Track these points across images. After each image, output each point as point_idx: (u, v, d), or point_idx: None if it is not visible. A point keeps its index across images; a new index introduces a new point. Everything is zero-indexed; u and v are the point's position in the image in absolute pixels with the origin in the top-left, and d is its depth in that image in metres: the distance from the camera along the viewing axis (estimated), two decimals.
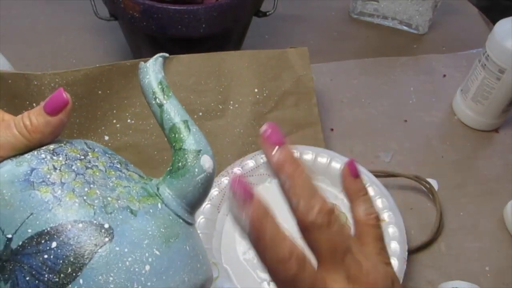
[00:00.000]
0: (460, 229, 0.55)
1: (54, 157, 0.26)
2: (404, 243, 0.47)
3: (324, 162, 0.54)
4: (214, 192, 0.52)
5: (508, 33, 0.56)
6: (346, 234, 0.25)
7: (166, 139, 0.28)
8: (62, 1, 0.78)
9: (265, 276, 0.47)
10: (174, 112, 0.28)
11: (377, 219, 0.29)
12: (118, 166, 0.28)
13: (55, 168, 0.25)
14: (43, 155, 0.25)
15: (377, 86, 0.70)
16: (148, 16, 0.55)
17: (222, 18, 0.57)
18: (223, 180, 0.53)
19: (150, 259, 0.24)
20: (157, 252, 0.25)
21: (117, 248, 0.23)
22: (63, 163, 0.25)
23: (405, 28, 0.80)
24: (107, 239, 0.23)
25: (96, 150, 0.28)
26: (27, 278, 0.23)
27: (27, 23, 0.75)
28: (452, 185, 0.59)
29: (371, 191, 0.51)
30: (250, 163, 0.54)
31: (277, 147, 0.25)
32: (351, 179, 0.30)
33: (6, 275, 0.23)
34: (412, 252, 0.51)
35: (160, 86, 0.28)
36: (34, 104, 0.50)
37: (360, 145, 0.62)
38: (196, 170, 0.27)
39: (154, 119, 0.29)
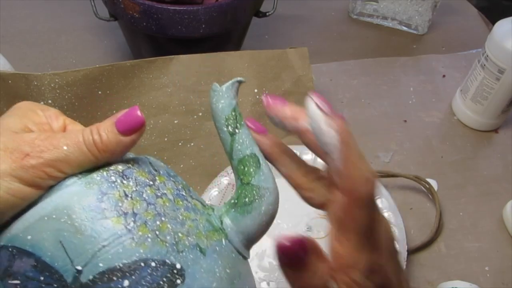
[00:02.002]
0: (460, 229, 0.55)
1: (124, 182, 0.24)
2: (404, 243, 0.47)
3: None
4: (213, 192, 0.52)
5: (508, 33, 0.56)
6: None
7: (232, 168, 0.28)
8: (62, 1, 0.78)
9: (264, 276, 0.47)
10: (246, 143, 0.27)
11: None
12: (183, 193, 0.26)
13: (126, 195, 0.23)
14: (113, 178, 0.24)
15: (377, 86, 0.70)
16: (148, 17, 0.55)
17: (222, 18, 0.57)
18: (223, 181, 0.53)
19: None
20: None
21: None
22: (134, 189, 0.24)
23: (404, 28, 0.80)
24: (179, 281, 0.22)
25: (161, 172, 0.26)
26: None
27: (27, 23, 0.75)
28: (452, 185, 0.59)
29: None
30: None
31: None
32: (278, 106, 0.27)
33: None
34: (412, 252, 0.51)
35: (233, 113, 0.28)
36: None
37: (360, 145, 0.61)
38: (264, 208, 0.26)
39: (154, 119, 0.29)
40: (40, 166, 0.22)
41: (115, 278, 0.21)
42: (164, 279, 0.22)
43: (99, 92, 0.53)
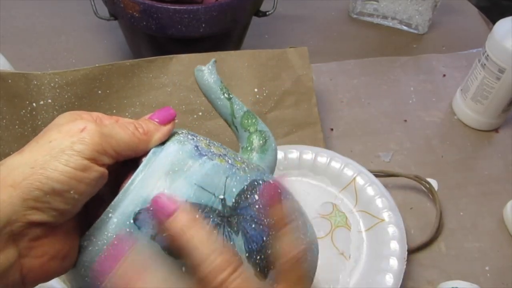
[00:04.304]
0: (460, 229, 0.55)
1: (197, 137, 0.29)
2: (404, 243, 0.47)
3: (323, 162, 0.54)
4: None
5: (508, 33, 0.56)
6: None
7: (232, 126, 0.34)
8: (62, 1, 0.78)
9: None
10: (240, 103, 0.34)
11: (304, 251, 0.28)
12: (225, 147, 0.31)
13: (209, 145, 0.28)
14: (189, 136, 0.28)
15: (377, 86, 0.70)
16: (147, 16, 0.55)
17: (222, 18, 0.57)
18: None
19: (301, 208, 0.31)
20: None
21: (288, 196, 0.29)
22: (207, 141, 0.29)
23: (405, 28, 0.80)
24: (279, 190, 0.28)
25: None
26: (253, 226, 0.26)
27: (27, 23, 0.75)
28: (452, 185, 0.59)
29: (371, 191, 0.51)
30: None
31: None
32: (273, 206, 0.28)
33: (235, 228, 0.25)
34: (412, 252, 0.51)
35: (223, 84, 0.34)
36: (34, 104, 0.50)
37: (360, 145, 0.62)
38: (273, 144, 0.33)
39: None
40: (96, 138, 0.24)
41: (248, 195, 0.27)
42: (273, 189, 0.28)
43: (99, 92, 0.53)
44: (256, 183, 0.27)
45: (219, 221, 0.25)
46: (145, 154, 0.27)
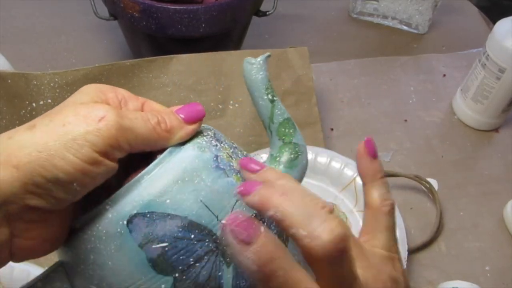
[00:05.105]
0: (460, 229, 0.55)
1: (221, 145, 0.27)
2: (404, 242, 0.47)
3: (324, 161, 0.54)
4: None
5: (508, 32, 0.56)
6: (353, 265, 0.22)
7: (268, 130, 0.31)
8: (62, 1, 0.78)
9: None
10: (283, 109, 0.31)
11: (392, 206, 0.27)
12: (244, 152, 0.30)
13: (230, 156, 0.26)
14: (213, 142, 0.26)
15: (377, 86, 0.70)
16: (147, 16, 0.55)
17: (222, 17, 0.57)
18: None
19: None
20: None
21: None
22: (231, 151, 0.27)
23: (405, 27, 0.80)
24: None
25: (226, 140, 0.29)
26: None
27: (27, 23, 0.75)
28: (452, 185, 0.59)
29: None
30: None
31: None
32: (367, 160, 0.27)
33: (228, 259, 0.24)
34: (412, 252, 0.51)
35: (270, 83, 0.31)
36: (34, 104, 0.50)
37: None
38: (304, 162, 0.31)
39: None
40: (113, 131, 0.22)
41: None
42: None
43: None
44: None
45: (213, 248, 0.23)
46: (162, 149, 0.25)
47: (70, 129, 0.22)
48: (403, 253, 0.47)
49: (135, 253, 0.23)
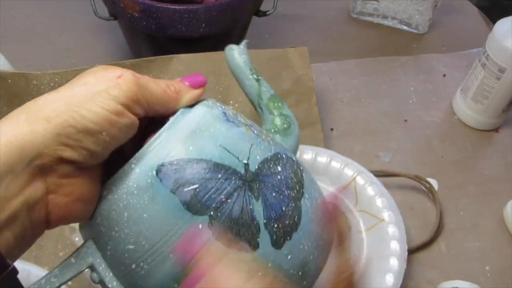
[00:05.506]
0: (460, 229, 0.55)
1: (224, 106, 0.29)
2: (404, 242, 0.47)
3: (324, 161, 0.54)
4: None
5: (508, 32, 0.56)
6: None
7: (258, 107, 0.34)
8: (62, 1, 0.78)
9: None
10: (268, 86, 0.34)
11: (352, 275, 0.29)
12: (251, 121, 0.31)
13: (236, 114, 0.29)
14: (217, 103, 0.29)
15: (377, 86, 0.70)
16: (147, 16, 0.55)
17: (222, 17, 0.57)
18: None
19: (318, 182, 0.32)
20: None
21: (308, 175, 0.30)
22: (235, 112, 0.29)
23: (405, 27, 0.80)
24: (301, 167, 0.30)
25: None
26: (274, 194, 0.26)
27: (27, 23, 0.75)
28: (452, 185, 0.59)
29: (371, 191, 0.51)
30: None
31: None
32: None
33: (256, 193, 0.26)
34: (412, 251, 0.51)
35: (252, 65, 0.34)
36: None
37: (360, 145, 0.62)
38: (296, 130, 0.33)
39: None
40: (131, 85, 0.24)
41: (272, 165, 0.27)
42: (295, 164, 0.29)
43: None
44: (279, 156, 0.28)
45: (240, 184, 0.25)
46: (173, 113, 0.27)
47: (92, 87, 0.23)
48: (403, 253, 0.47)
49: (168, 199, 0.24)
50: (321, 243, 0.28)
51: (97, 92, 0.23)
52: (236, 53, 0.34)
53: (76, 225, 0.40)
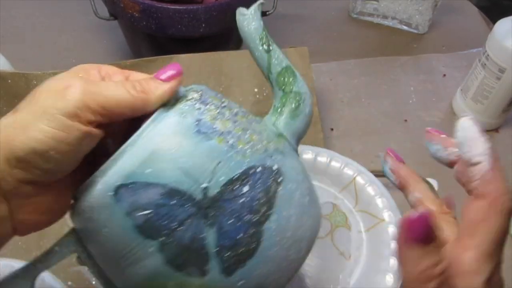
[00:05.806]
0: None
1: (207, 107, 0.27)
2: None
3: (324, 161, 0.54)
4: None
5: (508, 32, 0.56)
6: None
7: (268, 81, 0.31)
8: (62, 1, 0.78)
9: None
10: (280, 58, 0.30)
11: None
12: (243, 110, 0.29)
13: (214, 118, 0.26)
14: (197, 106, 0.26)
15: (377, 86, 0.70)
16: (147, 16, 0.55)
17: (222, 17, 0.57)
18: None
19: (307, 191, 0.28)
20: (309, 184, 0.29)
21: (288, 186, 0.26)
22: (217, 112, 0.27)
23: (405, 27, 0.80)
24: (280, 178, 0.26)
25: (218, 95, 0.29)
26: (231, 221, 0.25)
27: (27, 23, 0.75)
28: (453, 185, 0.58)
29: (371, 191, 0.51)
30: None
31: None
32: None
33: (210, 221, 0.24)
34: None
35: (264, 32, 0.30)
36: None
37: (360, 145, 0.62)
38: (307, 110, 0.30)
39: None
40: (77, 95, 0.24)
41: (236, 186, 0.25)
42: (271, 178, 0.26)
43: None
44: (253, 170, 0.25)
45: (194, 212, 0.24)
46: (151, 113, 0.26)
47: (42, 102, 0.23)
48: None
49: (123, 221, 0.24)
50: (285, 264, 0.27)
51: (45, 109, 0.23)
52: (247, 19, 0.30)
53: None
